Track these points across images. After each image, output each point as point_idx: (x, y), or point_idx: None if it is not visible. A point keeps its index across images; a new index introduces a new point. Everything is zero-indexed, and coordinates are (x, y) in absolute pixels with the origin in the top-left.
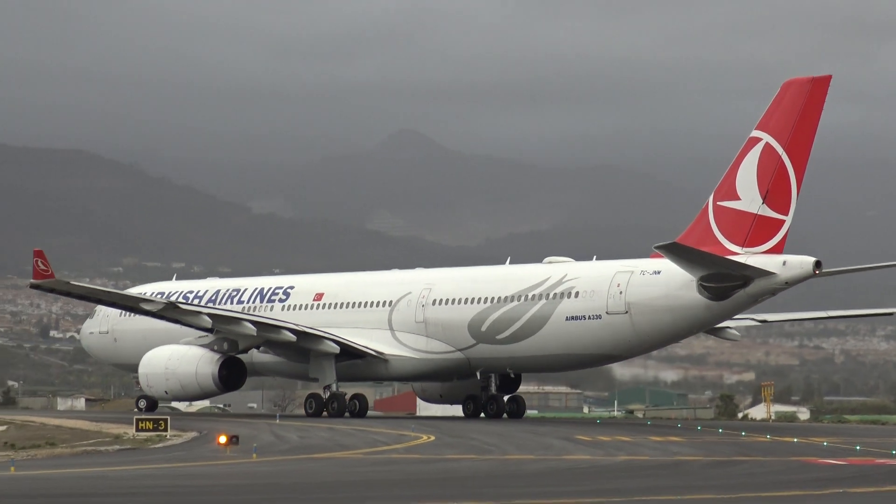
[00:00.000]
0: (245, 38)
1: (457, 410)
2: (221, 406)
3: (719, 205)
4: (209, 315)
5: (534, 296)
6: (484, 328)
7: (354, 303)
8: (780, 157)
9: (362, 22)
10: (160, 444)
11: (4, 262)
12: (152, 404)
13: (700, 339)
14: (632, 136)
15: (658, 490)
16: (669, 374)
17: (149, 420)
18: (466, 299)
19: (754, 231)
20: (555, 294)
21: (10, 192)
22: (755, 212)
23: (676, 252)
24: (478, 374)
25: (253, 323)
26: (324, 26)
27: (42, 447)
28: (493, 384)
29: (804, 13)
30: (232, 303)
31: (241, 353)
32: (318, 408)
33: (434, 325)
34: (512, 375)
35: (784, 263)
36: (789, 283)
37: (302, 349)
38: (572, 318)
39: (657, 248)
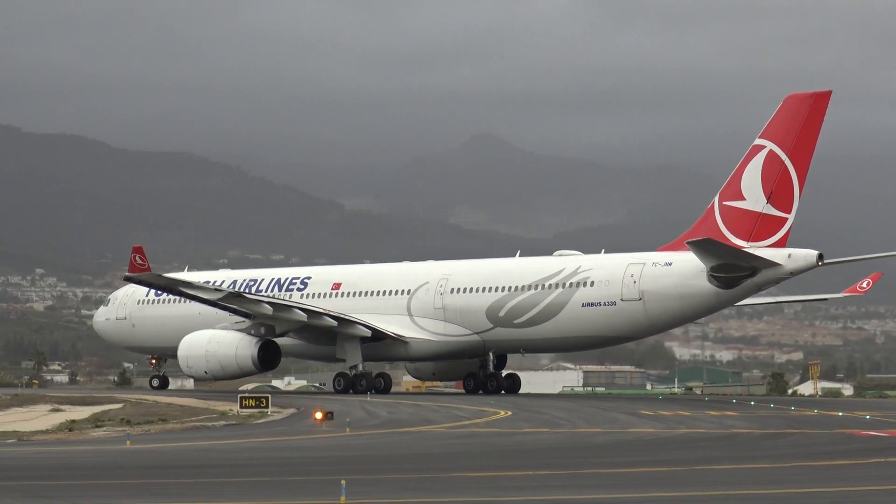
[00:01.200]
0: (340, 53)
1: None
2: (317, 385)
3: (725, 204)
4: (269, 303)
5: (550, 285)
6: (502, 313)
7: (373, 291)
8: (784, 162)
9: (447, 36)
10: (262, 420)
11: (122, 254)
12: (163, 383)
13: (753, 322)
14: (693, 138)
15: (715, 460)
16: (725, 354)
17: (252, 398)
18: (484, 288)
19: (759, 227)
20: (571, 283)
21: (127, 191)
22: (760, 210)
23: (708, 246)
24: (490, 354)
25: (302, 310)
26: (411, 41)
27: (155, 423)
28: (491, 363)
29: (855, 25)
30: (250, 292)
31: (276, 337)
32: (347, 385)
33: (453, 311)
34: (523, 354)
35: (789, 256)
36: (794, 273)
37: (329, 333)
38: (588, 304)
39: (689, 243)
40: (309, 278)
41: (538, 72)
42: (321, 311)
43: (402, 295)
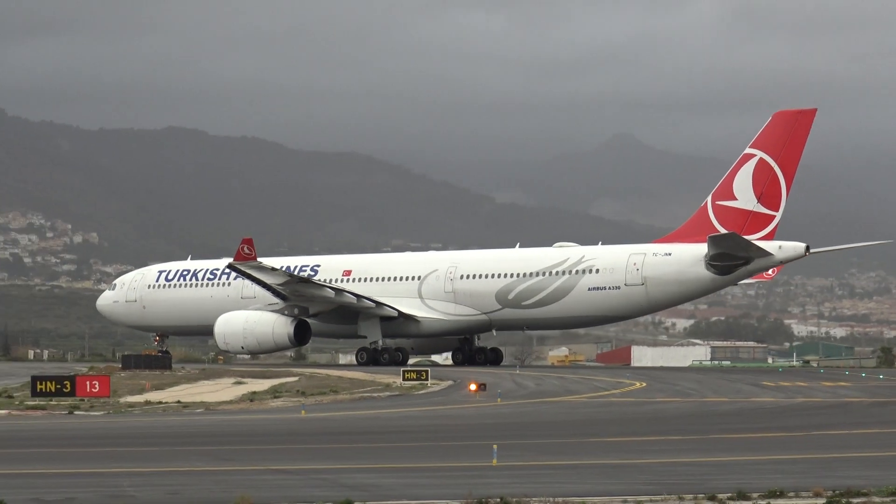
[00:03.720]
0: (498, 61)
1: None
2: None
3: (718, 204)
4: (331, 288)
5: (557, 272)
6: (511, 296)
7: (383, 277)
8: (773, 168)
9: (594, 45)
10: (422, 391)
11: (297, 244)
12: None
13: (864, 302)
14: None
15: (830, 426)
16: (839, 331)
17: (413, 371)
18: (492, 274)
19: (750, 224)
20: (577, 270)
21: (299, 187)
22: (751, 209)
23: (730, 240)
24: (493, 332)
25: (351, 293)
26: (563, 49)
27: (326, 394)
28: (477, 339)
29: None
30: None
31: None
32: (369, 359)
33: (463, 294)
34: (525, 331)
35: (780, 247)
36: (783, 262)
37: (352, 313)
38: (594, 288)
39: (712, 237)
40: (318, 266)
41: (673, 76)
42: (361, 294)
43: (412, 280)
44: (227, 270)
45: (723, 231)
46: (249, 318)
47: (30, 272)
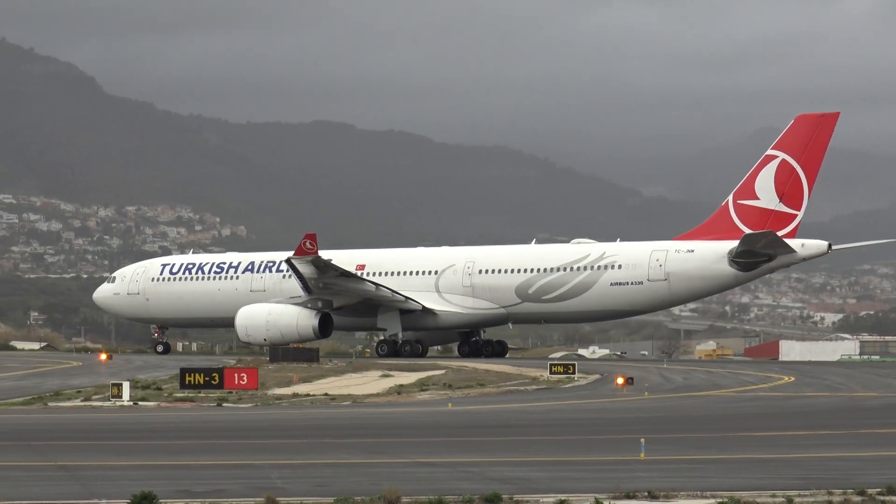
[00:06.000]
0: (650, 56)
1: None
2: (619, 353)
3: (739, 203)
4: (370, 282)
5: (579, 267)
6: (531, 291)
7: (399, 272)
8: (796, 169)
9: (744, 40)
10: (569, 385)
11: (441, 238)
12: (167, 349)
13: None
14: None
15: None
16: None
17: (560, 365)
18: (511, 269)
19: (771, 222)
20: (599, 266)
21: (442, 181)
22: (773, 208)
23: (766, 238)
24: (510, 325)
25: (387, 288)
26: (712, 43)
27: (474, 387)
28: (482, 333)
29: None
30: (271, 272)
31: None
32: (390, 351)
33: (482, 288)
34: (542, 323)
35: (802, 245)
36: (805, 259)
37: (373, 306)
38: (616, 283)
39: (749, 235)
40: (331, 260)
41: (825, 71)
42: (393, 289)
43: (429, 275)
44: (249, 265)
45: (745, 230)
46: (273, 311)
47: None
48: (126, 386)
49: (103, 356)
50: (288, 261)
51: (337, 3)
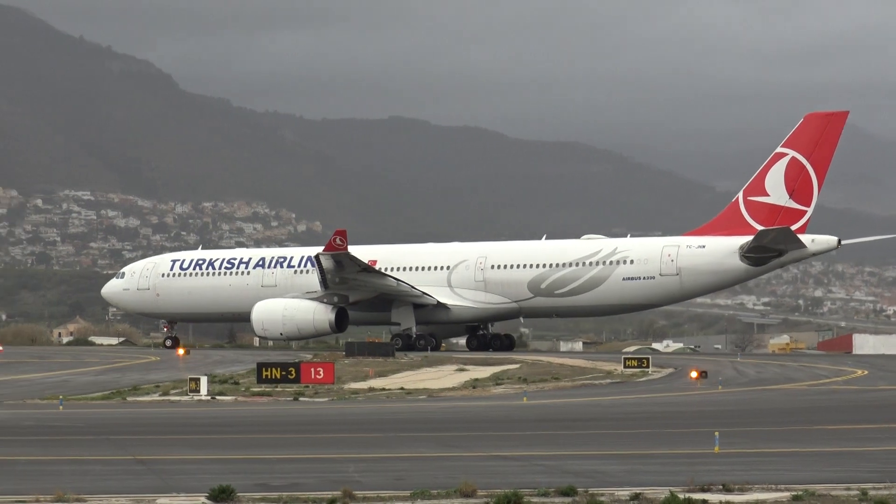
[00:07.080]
0: (734, 51)
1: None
2: (692, 347)
3: (750, 199)
4: (392, 277)
5: (591, 262)
6: (544, 285)
7: (410, 267)
8: (805, 167)
9: (824, 34)
10: (643, 378)
11: (517, 233)
12: (175, 343)
13: None
14: None
15: None
16: None
17: (634, 358)
18: (523, 264)
19: (781, 218)
20: (611, 261)
21: (518, 176)
22: (783, 204)
23: (781, 233)
24: (521, 319)
25: (408, 284)
26: (792, 38)
27: (548, 381)
28: (489, 327)
29: None
30: (282, 267)
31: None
32: (405, 345)
33: (494, 283)
34: (553, 317)
35: (812, 240)
36: (815, 255)
37: (387, 301)
38: (629, 278)
39: (764, 230)
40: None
41: None
42: (412, 283)
43: (441, 270)
44: (260, 260)
45: (756, 226)
46: (289, 306)
47: None
48: (204, 380)
49: (181, 351)
50: (316, 256)
51: (415, 3)
